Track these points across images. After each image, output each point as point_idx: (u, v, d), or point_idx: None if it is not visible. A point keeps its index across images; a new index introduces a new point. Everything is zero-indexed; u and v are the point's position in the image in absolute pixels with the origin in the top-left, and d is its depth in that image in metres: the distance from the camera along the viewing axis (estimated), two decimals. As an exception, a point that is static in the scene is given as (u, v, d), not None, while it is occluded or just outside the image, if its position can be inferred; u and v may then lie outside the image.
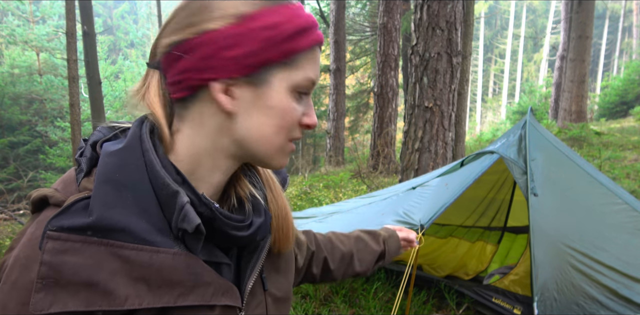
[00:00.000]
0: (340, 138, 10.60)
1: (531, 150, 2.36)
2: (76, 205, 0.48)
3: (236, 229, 0.57)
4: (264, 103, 0.54)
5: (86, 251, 0.46)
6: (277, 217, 0.66)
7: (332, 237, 1.01)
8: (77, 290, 0.45)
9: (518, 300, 2.42)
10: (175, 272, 0.51)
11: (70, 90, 6.57)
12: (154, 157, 0.52)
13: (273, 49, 0.52)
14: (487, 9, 40.88)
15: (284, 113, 0.56)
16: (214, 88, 0.53)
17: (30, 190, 9.20)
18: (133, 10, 46.07)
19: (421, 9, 4.06)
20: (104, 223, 0.47)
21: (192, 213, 0.50)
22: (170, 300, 0.50)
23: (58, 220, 0.47)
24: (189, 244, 0.53)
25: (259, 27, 0.51)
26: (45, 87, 17.22)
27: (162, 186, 0.51)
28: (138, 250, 0.48)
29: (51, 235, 0.45)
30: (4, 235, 4.59)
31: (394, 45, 8.40)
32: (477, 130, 30.13)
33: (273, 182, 0.70)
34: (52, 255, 0.45)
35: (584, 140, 8.07)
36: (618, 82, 17.63)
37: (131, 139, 0.53)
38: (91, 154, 0.55)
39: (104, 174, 0.50)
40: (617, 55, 38.88)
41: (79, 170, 0.54)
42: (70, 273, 0.45)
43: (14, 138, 15.75)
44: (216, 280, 0.55)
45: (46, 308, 0.44)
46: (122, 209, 0.49)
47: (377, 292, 2.91)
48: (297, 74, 0.55)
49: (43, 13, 20.93)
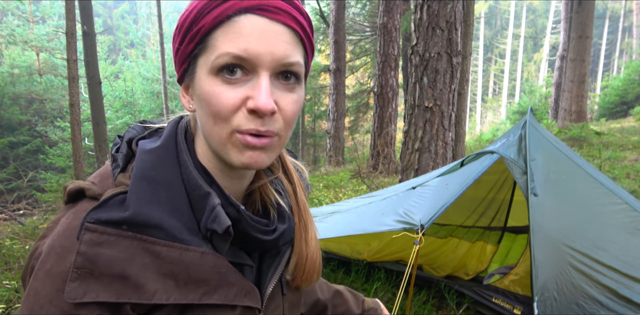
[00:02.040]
0: (340, 138, 10.60)
1: (531, 150, 2.36)
2: (113, 199, 0.50)
3: (261, 233, 0.57)
4: (196, 95, 0.53)
5: (120, 245, 0.48)
6: (305, 260, 0.65)
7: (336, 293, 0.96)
8: (110, 282, 0.47)
9: (518, 300, 2.42)
10: (202, 271, 0.52)
11: (70, 90, 6.57)
12: (187, 157, 0.55)
13: (186, 40, 0.52)
14: (487, 9, 40.88)
15: (209, 100, 0.50)
16: (181, 91, 0.56)
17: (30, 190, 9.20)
18: (133, 10, 46.06)
19: (421, 9, 4.06)
20: (139, 218, 0.49)
21: (223, 215, 0.52)
22: (196, 298, 0.51)
23: (96, 212, 0.48)
24: (216, 244, 0.54)
25: (178, 25, 0.53)
26: (45, 87, 17.23)
27: (195, 187, 0.53)
28: (169, 247, 0.50)
29: (89, 227, 0.47)
30: (4, 235, 4.59)
31: (394, 45, 8.40)
32: (477, 130, 30.13)
33: (310, 219, 0.68)
34: (89, 247, 0.46)
35: (584, 140, 8.07)
36: (618, 82, 17.63)
37: (167, 138, 0.56)
38: (127, 150, 0.57)
39: (141, 170, 0.52)
40: (617, 55, 38.88)
41: (115, 166, 0.56)
42: (104, 265, 0.47)
43: (14, 138, 15.76)
44: (240, 281, 0.56)
45: (79, 297, 0.45)
46: (156, 206, 0.50)
47: (377, 292, 2.91)
48: (212, 54, 0.49)
49: (43, 13, 20.93)
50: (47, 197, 8.08)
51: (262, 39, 0.49)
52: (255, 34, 0.48)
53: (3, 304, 2.87)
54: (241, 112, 0.50)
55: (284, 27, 0.50)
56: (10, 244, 4.21)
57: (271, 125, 0.51)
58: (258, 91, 0.49)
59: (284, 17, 0.50)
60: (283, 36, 0.50)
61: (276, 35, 0.50)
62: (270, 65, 0.50)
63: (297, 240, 0.66)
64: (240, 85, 0.50)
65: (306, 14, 0.54)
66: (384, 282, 3.05)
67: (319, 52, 15.30)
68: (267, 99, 0.49)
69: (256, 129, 0.50)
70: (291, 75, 0.52)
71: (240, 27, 0.48)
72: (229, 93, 0.50)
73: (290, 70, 0.52)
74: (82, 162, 6.76)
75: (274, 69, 0.50)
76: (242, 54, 0.48)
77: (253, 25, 0.49)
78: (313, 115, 17.86)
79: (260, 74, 0.50)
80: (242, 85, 0.50)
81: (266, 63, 0.49)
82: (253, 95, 0.49)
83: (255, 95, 0.49)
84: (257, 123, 0.50)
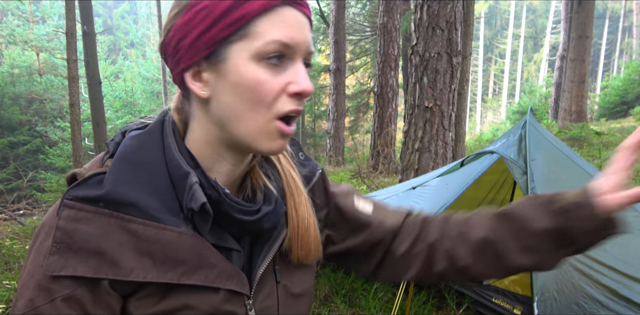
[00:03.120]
0: (340, 138, 10.60)
1: (531, 150, 2.36)
2: (93, 178, 0.52)
3: (242, 213, 0.57)
4: (229, 80, 0.52)
5: (97, 221, 0.49)
6: (296, 227, 0.65)
7: (458, 220, 0.72)
8: (87, 257, 0.48)
9: (518, 300, 2.42)
10: (180, 251, 0.52)
11: (70, 90, 6.57)
12: (172, 141, 0.57)
13: (220, 24, 0.51)
14: (487, 9, 40.88)
15: (252, 86, 0.51)
16: (187, 78, 0.55)
17: (30, 190, 9.21)
18: (133, 10, 46.07)
19: (421, 9, 4.06)
20: (114, 196, 0.50)
21: (199, 193, 0.53)
22: (174, 278, 0.52)
23: (74, 190, 0.51)
24: (198, 225, 0.55)
25: (200, 8, 0.51)
26: (45, 87, 17.23)
27: (176, 168, 0.54)
28: (145, 225, 0.51)
29: (67, 204, 0.50)
30: (4, 235, 4.59)
31: (394, 45, 8.40)
32: (477, 130, 30.14)
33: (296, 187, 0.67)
34: (67, 222, 0.49)
35: (584, 140, 8.07)
36: (618, 82, 17.63)
37: (154, 125, 0.59)
38: (120, 139, 0.59)
39: (123, 153, 0.54)
40: (617, 55, 38.88)
41: (105, 152, 0.59)
42: (82, 240, 0.49)
43: (14, 138, 15.75)
44: (221, 263, 0.56)
45: (57, 270, 0.48)
46: (134, 186, 0.52)
47: (377, 292, 2.91)
48: (256, 41, 0.50)
49: (43, 13, 20.93)
50: (47, 197, 8.08)
51: (300, 29, 0.53)
52: (295, 24, 0.53)
53: (3, 304, 2.87)
54: (282, 98, 0.53)
55: (307, 19, 0.55)
56: (10, 244, 4.21)
57: (302, 105, 0.56)
58: (300, 76, 0.53)
59: (307, 10, 0.55)
60: (308, 27, 0.55)
61: (306, 26, 0.54)
62: (304, 53, 0.54)
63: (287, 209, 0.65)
64: (281, 72, 0.53)
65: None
66: (384, 282, 3.05)
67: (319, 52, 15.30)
68: (309, 81, 0.54)
69: (296, 109, 0.54)
70: (308, 63, 0.57)
71: (285, 16, 0.52)
72: (273, 80, 0.52)
73: (310, 58, 0.56)
74: (82, 162, 6.76)
75: (304, 57, 0.55)
76: (289, 42, 0.52)
77: (294, 16, 0.53)
78: (313, 115, 17.86)
79: (297, 60, 0.54)
80: (283, 71, 0.53)
81: (302, 50, 0.54)
82: (295, 80, 0.53)
83: (299, 80, 0.53)
84: (297, 104, 0.54)
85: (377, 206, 0.78)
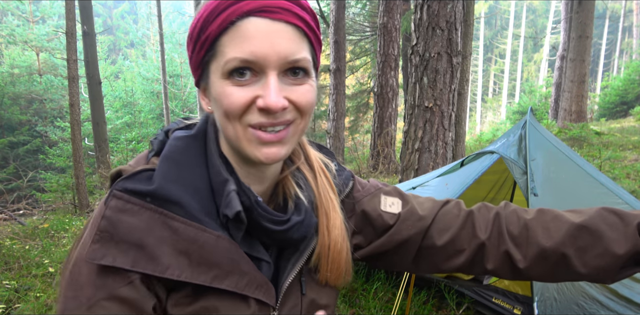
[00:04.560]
0: (340, 138, 10.59)
1: (531, 150, 2.36)
2: (142, 173, 0.54)
3: (272, 223, 0.58)
4: (212, 96, 0.56)
5: (142, 215, 0.51)
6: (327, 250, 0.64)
7: (532, 222, 0.68)
8: (128, 249, 0.50)
9: (518, 300, 2.42)
10: (215, 254, 0.53)
11: (70, 90, 6.56)
12: (214, 146, 0.59)
13: (197, 48, 0.54)
14: (487, 9, 40.87)
15: (221, 100, 0.53)
16: (199, 94, 0.60)
17: (30, 190, 9.20)
18: (133, 10, 46.06)
19: (421, 9, 4.06)
20: (162, 192, 0.52)
21: (236, 201, 0.54)
22: (207, 280, 0.53)
23: (124, 182, 0.53)
24: (232, 231, 0.56)
25: (189, 34, 0.55)
26: (45, 87, 17.22)
27: (217, 173, 0.57)
28: (187, 225, 0.52)
29: (115, 194, 0.51)
30: (4, 235, 4.58)
31: (394, 45, 8.40)
32: (477, 130, 30.13)
33: (333, 208, 0.65)
34: (113, 212, 0.50)
35: (584, 140, 8.07)
36: (618, 82, 17.63)
37: (199, 129, 0.61)
38: (163, 137, 0.62)
39: (170, 152, 0.57)
40: (617, 55, 38.87)
41: (150, 150, 0.62)
42: (125, 231, 0.50)
43: (13, 138, 15.74)
44: (252, 272, 0.57)
45: (98, 258, 0.49)
46: (180, 185, 0.54)
47: (377, 292, 2.91)
48: (221, 59, 0.52)
49: (43, 13, 20.93)
50: (47, 197, 8.08)
51: (266, 40, 0.50)
52: (259, 36, 0.50)
53: (3, 304, 2.87)
54: (252, 110, 0.52)
55: (286, 25, 0.51)
56: (10, 244, 4.21)
57: (287, 116, 0.54)
58: (267, 90, 0.51)
59: (285, 15, 0.51)
60: (286, 34, 0.51)
61: (279, 34, 0.50)
62: (277, 64, 0.51)
63: (319, 229, 0.65)
64: (250, 86, 0.52)
65: (309, 8, 0.55)
66: (384, 282, 3.05)
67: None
68: (277, 97, 0.51)
69: (269, 122, 0.53)
70: (299, 70, 0.53)
71: (244, 31, 0.50)
72: (239, 93, 0.52)
73: (297, 66, 0.53)
74: (82, 162, 6.76)
75: (281, 67, 0.52)
76: (249, 58, 0.50)
77: (256, 28, 0.50)
78: (313, 115, 17.77)
79: (269, 74, 0.51)
80: (252, 85, 0.52)
81: (273, 63, 0.51)
82: (262, 94, 0.51)
83: (265, 94, 0.51)
84: (269, 118, 0.53)
85: (406, 201, 0.75)
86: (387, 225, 0.71)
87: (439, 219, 0.72)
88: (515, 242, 0.67)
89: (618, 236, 0.62)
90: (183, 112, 20.73)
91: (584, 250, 0.63)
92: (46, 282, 3.34)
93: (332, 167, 0.72)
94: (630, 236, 0.61)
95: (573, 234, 0.64)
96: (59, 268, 3.57)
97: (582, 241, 0.63)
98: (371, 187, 0.76)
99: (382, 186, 0.76)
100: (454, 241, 0.70)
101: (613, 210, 0.65)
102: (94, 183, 9.69)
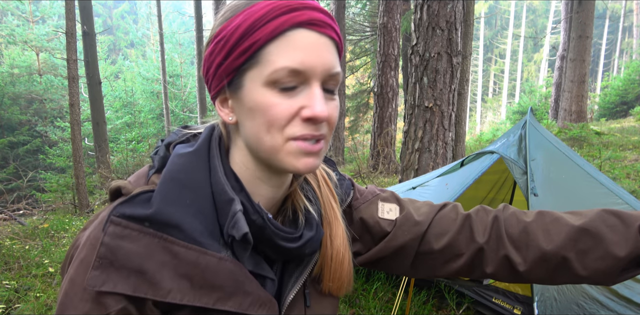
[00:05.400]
0: (340, 138, 10.60)
1: (531, 150, 2.36)
2: (140, 196, 0.53)
3: (285, 240, 0.58)
4: (246, 106, 0.54)
5: (141, 240, 0.50)
6: (330, 260, 0.64)
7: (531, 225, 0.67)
8: (128, 275, 0.49)
9: (518, 300, 2.42)
10: (218, 276, 0.53)
11: (70, 90, 6.56)
12: (218, 163, 0.57)
13: (234, 54, 0.52)
14: (487, 9, 40.89)
15: (264, 111, 0.52)
16: (216, 105, 0.58)
17: (30, 190, 9.20)
18: (133, 10, 46.07)
19: (421, 9, 4.06)
20: (160, 217, 0.51)
21: (242, 221, 0.53)
22: (209, 302, 0.52)
23: (122, 207, 0.51)
24: (237, 251, 0.55)
25: (220, 38, 0.53)
26: (45, 87, 17.23)
27: (221, 192, 0.55)
28: (187, 248, 0.51)
29: (114, 220, 0.50)
30: (4, 235, 4.58)
31: (394, 45, 8.40)
32: (477, 130, 30.14)
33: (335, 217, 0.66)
34: (112, 239, 0.49)
35: (584, 140, 8.07)
36: (618, 82, 17.63)
37: (201, 144, 0.59)
38: (164, 153, 0.60)
39: (171, 172, 0.55)
40: (617, 55, 38.88)
41: (151, 167, 0.60)
42: (124, 258, 0.49)
43: (13, 138, 15.74)
44: (256, 291, 0.56)
45: (98, 285, 0.48)
46: (179, 207, 0.52)
47: (377, 292, 2.91)
48: (267, 68, 0.51)
49: (43, 13, 20.93)
50: (47, 197, 8.08)
51: (314, 51, 0.51)
52: (308, 47, 0.51)
53: (3, 304, 2.87)
54: (295, 121, 0.52)
55: (329, 39, 0.53)
56: (10, 244, 4.21)
57: (323, 130, 0.54)
58: (314, 100, 0.52)
59: (328, 30, 0.53)
60: (329, 48, 0.53)
61: (325, 47, 0.53)
62: (321, 76, 0.53)
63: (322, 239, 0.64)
64: (294, 96, 0.52)
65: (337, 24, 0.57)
66: (384, 282, 3.05)
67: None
68: (323, 106, 0.52)
69: (311, 133, 0.53)
70: (335, 84, 0.55)
71: (295, 41, 0.51)
72: (284, 104, 0.52)
73: (335, 79, 0.54)
74: (82, 162, 6.76)
75: (323, 79, 0.53)
76: (299, 67, 0.51)
77: (306, 39, 0.51)
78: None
79: (313, 84, 0.52)
80: (296, 95, 0.52)
81: (318, 74, 0.52)
82: (309, 104, 0.52)
83: (312, 104, 0.52)
84: (311, 129, 0.53)
85: (403, 206, 0.75)
86: (384, 232, 0.72)
87: (436, 223, 0.72)
88: (515, 245, 0.67)
89: (619, 238, 0.62)
90: (183, 112, 20.74)
91: (585, 253, 0.63)
92: (46, 282, 3.34)
93: (333, 176, 0.72)
94: (631, 238, 0.61)
95: (573, 237, 0.64)
96: (58, 268, 3.57)
97: (583, 244, 0.63)
98: (369, 193, 0.76)
99: (379, 192, 0.76)
100: (451, 245, 0.70)
101: (613, 212, 0.64)
102: (94, 183, 9.70)
